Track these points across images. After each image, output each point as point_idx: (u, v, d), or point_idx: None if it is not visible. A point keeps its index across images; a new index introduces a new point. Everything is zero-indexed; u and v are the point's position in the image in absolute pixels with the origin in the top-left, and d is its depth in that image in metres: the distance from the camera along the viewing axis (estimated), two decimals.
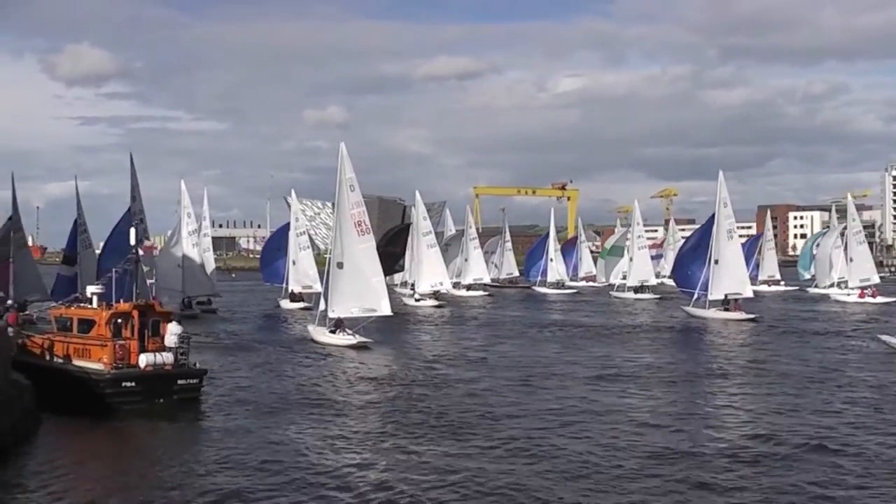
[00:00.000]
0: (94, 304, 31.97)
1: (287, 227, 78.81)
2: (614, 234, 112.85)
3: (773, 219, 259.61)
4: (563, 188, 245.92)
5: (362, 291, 47.89)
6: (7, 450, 22.50)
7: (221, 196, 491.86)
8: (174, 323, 30.88)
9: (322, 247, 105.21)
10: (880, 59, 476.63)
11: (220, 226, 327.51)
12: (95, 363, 29.59)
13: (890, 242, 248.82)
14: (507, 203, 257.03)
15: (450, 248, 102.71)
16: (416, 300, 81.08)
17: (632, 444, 23.76)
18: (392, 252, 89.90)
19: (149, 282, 35.53)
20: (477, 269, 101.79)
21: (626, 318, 68.02)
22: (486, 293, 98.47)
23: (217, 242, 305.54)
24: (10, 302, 45.85)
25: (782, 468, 21.16)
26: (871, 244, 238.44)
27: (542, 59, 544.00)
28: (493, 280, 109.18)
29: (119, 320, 30.39)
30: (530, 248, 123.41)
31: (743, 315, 63.15)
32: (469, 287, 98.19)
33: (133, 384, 28.93)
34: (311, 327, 50.69)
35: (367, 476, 20.68)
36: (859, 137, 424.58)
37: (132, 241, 33.64)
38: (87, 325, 31.13)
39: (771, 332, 54.86)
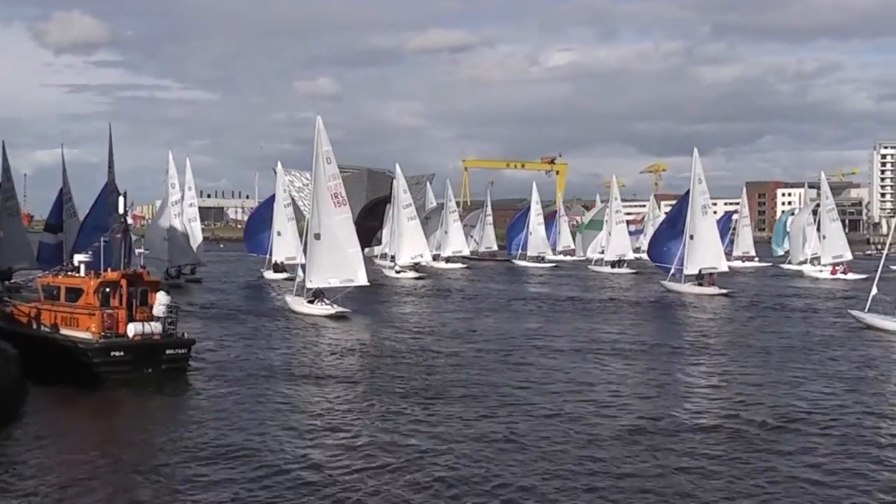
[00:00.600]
0: (82, 273, 31.40)
1: (273, 198, 79.01)
2: (593, 209, 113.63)
3: (761, 195, 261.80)
4: (552, 162, 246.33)
5: (339, 262, 48.70)
6: None
7: (210, 166, 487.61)
8: (162, 293, 30.43)
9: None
10: (872, 37, 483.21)
11: (209, 196, 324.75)
12: (84, 332, 29.31)
13: (877, 220, 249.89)
14: (496, 176, 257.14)
15: (430, 220, 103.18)
16: (397, 272, 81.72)
17: (608, 417, 23.94)
18: (370, 226, 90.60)
19: (137, 251, 35.07)
20: (456, 241, 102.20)
21: (602, 291, 68.83)
22: (465, 266, 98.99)
23: (205, 213, 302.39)
24: None
25: (754, 442, 21.41)
26: (858, 222, 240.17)
27: (535, 33, 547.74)
28: (472, 253, 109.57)
29: (107, 289, 29.81)
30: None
31: (717, 290, 64.12)
32: (448, 259, 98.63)
33: (122, 353, 28.65)
34: (288, 297, 51.47)
35: (353, 447, 20.65)
36: (850, 115, 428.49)
37: (120, 210, 33.65)
38: (74, 293, 30.58)
39: (744, 307, 55.77)
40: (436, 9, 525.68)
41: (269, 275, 74.74)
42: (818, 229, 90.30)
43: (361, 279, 49.20)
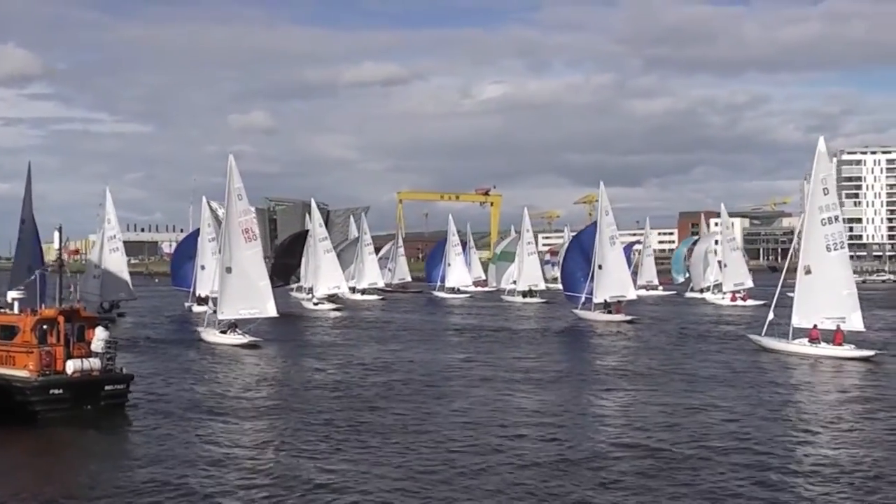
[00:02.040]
0: (16, 310, 30.59)
1: (197, 232, 79.19)
2: (505, 240, 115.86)
3: (694, 225, 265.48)
4: (486, 193, 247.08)
5: (249, 294, 50.69)
6: None
7: (144, 200, 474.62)
8: (101, 328, 29.98)
9: None
10: (800, 71, 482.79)
11: (143, 230, 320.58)
12: (21, 370, 28.43)
13: None
14: (430, 208, 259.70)
15: (344, 253, 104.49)
16: (315, 304, 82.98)
17: (526, 446, 24.18)
18: (287, 263, 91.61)
19: (71, 287, 35.45)
20: (371, 273, 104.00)
21: (517, 321, 70.50)
22: (381, 297, 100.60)
23: (139, 247, 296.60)
24: None
25: (664, 465, 21.91)
26: (789, 251, 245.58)
27: (467, 66, 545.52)
28: (386, 285, 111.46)
29: (44, 326, 29.15)
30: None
31: (624, 317, 66.47)
32: (364, 291, 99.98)
33: (61, 391, 28.04)
34: (200, 329, 52.98)
35: (280, 479, 20.75)
36: (779, 147, 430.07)
37: (56, 245, 33.71)
38: (9, 331, 29.58)
39: (651, 333, 57.90)
40: (369, 43, 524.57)
41: (196, 308, 74.96)
42: (719, 259, 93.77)
43: (271, 311, 51.40)
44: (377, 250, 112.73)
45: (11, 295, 31.73)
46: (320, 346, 50.95)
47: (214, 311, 52.24)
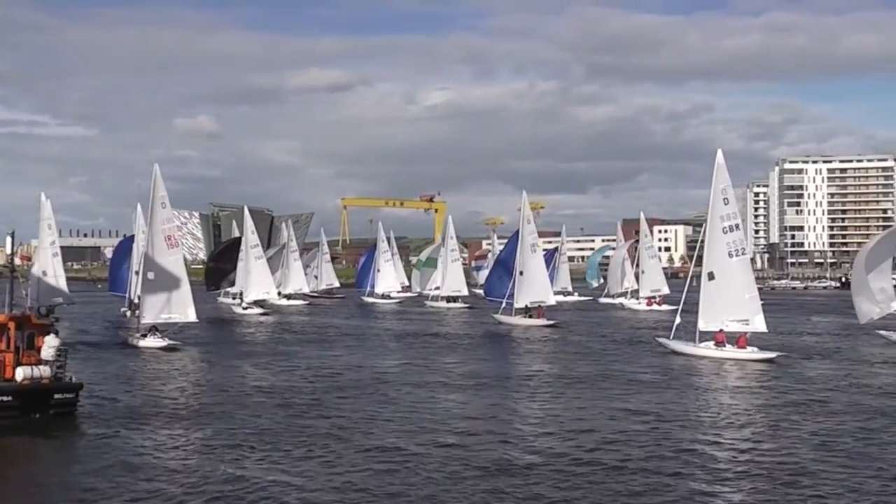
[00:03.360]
0: None
1: (131, 238, 79.09)
2: (430, 247, 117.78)
3: (636, 232, 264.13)
4: (430, 200, 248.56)
5: (171, 299, 52.24)
6: None
7: (87, 204, 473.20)
8: (52, 335, 29.22)
9: (189, 257, 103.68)
10: (742, 80, 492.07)
11: (86, 235, 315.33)
12: None
13: (752, 256, 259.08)
14: (375, 214, 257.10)
15: (271, 260, 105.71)
16: (244, 308, 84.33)
17: (453, 451, 24.28)
18: (220, 268, 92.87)
19: (24, 293, 35.60)
20: (297, 280, 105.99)
21: (441, 326, 72.25)
22: (307, 302, 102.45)
23: (82, 252, 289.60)
24: None
25: (579, 472, 22.18)
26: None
27: (413, 72, 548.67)
28: (312, 291, 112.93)
29: None
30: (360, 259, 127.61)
31: (545, 321, 68.95)
32: (289, 297, 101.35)
33: (9, 398, 27.39)
34: (122, 332, 54.93)
35: (224, 486, 20.72)
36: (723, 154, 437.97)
37: (7, 251, 33.56)
38: None
39: (571, 337, 60.20)
40: (315, 48, 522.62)
41: (130, 313, 75.15)
42: (637, 265, 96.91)
43: (191, 316, 53.06)
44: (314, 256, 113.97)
45: None
46: (255, 351, 52.11)
47: (137, 316, 53.67)
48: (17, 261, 35.53)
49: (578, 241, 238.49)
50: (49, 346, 28.88)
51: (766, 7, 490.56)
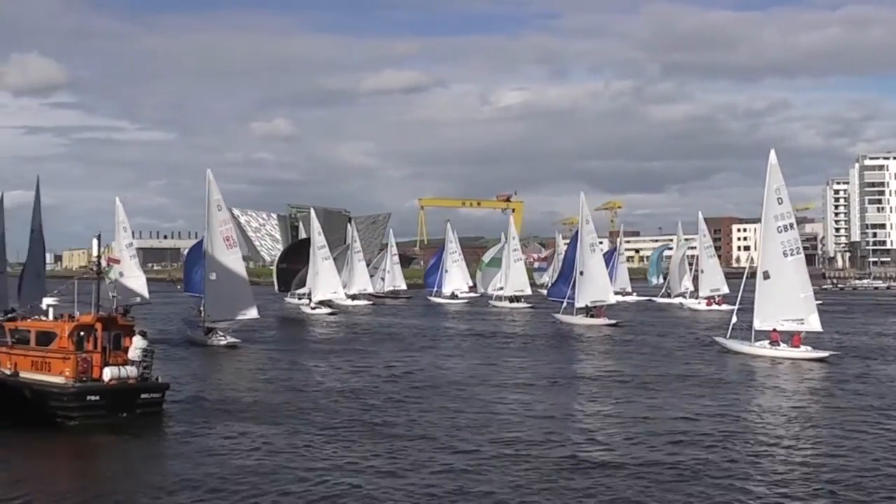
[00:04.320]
0: (51, 317, 30.63)
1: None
2: (493, 248, 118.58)
3: (717, 231, 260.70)
4: (507, 200, 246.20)
5: (232, 298, 53.87)
6: None
7: (167, 206, 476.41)
8: (139, 336, 29.81)
9: (268, 258, 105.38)
10: (820, 76, 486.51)
11: (165, 237, 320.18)
12: (56, 377, 28.36)
13: (832, 255, 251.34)
14: (452, 215, 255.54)
15: (336, 261, 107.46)
16: (312, 308, 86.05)
17: (530, 451, 24.46)
18: (292, 268, 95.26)
19: (111, 294, 36.35)
20: (361, 280, 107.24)
21: (505, 325, 72.94)
22: (371, 303, 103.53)
23: (162, 253, 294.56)
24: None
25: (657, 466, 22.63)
26: (813, 257, 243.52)
27: (487, 73, 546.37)
28: (378, 291, 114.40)
29: (82, 333, 28.99)
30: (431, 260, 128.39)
31: (607, 321, 69.49)
32: (354, 297, 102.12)
33: (98, 398, 27.82)
34: (189, 332, 56.24)
35: (318, 483, 21.02)
36: (800, 152, 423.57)
37: (94, 252, 33.79)
38: (47, 337, 29.58)
39: (633, 336, 60.47)
40: (389, 51, 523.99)
41: None
42: (696, 265, 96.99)
43: (253, 314, 55.06)
44: (402, 258, 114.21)
45: (46, 301, 31.80)
46: (326, 350, 52.49)
47: (199, 314, 55.58)
48: (104, 262, 36.03)
49: (657, 241, 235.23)
50: (136, 346, 29.39)
51: (843, 1, 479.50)
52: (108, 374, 28.37)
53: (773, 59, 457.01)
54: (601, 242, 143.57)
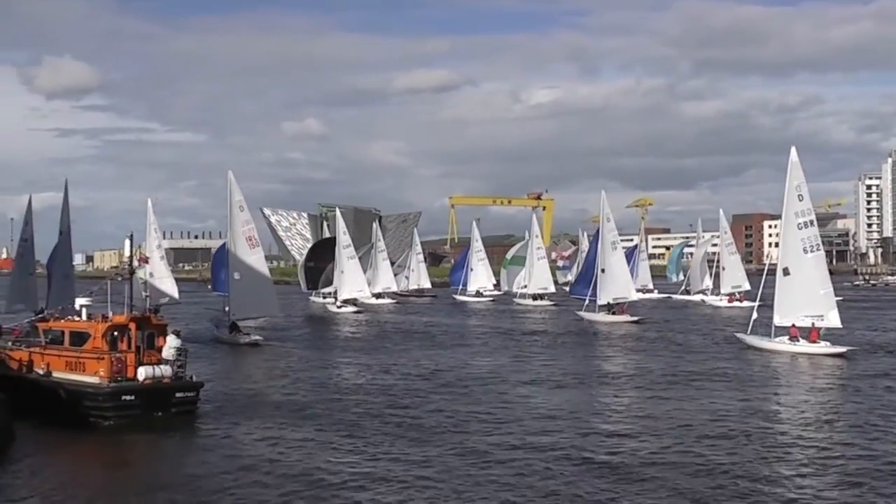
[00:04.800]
0: (84, 317, 30.84)
1: None
2: (516, 246, 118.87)
3: (748, 228, 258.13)
4: (538, 198, 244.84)
5: (256, 297, 54.75)
6: None
7: (198, 207, 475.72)
8: (172, 336, 29.91)
9: (298, 257, 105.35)
10: (852, 70, 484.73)
11: (196, 237, 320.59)
12: (91, 377, 28.48)
13: (864, 250, 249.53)
14: (483, 213, 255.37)
15: (361, 260, 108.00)
16: (338, 307, 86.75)
17: (560, 446, 24.81)
18: (314, 267, 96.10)
19: (144, 294, 36.84)
20: (385, 279, 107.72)
21: (529, 323, 73.29)
22: (395, 301, 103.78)
23: (193, 253, 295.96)
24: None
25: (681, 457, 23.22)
26: (845, 253, 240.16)
27: (518, 71, 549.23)
28: (402, 290, 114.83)
29: (115, 333, 29.10)
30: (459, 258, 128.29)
31: (629, 318, 69.86)
32: (378, 296, 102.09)
33: (132, 397, 27.90)
34: (216, 330, 57.08)
35: (350, 484, 21.05)
36: (832, 148, 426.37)
37: (126, 253, 33.95)
38: (80, 337, 29.69)
39: (655, 334, 60.68)
40: (420, 50, 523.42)
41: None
42: (718, 262, 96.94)
43: (275, 312, 57.05)
44: (433, 256, 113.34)
45: (80, 302, 32.01)
46: (354, 348, 53.38)
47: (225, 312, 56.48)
48: (136, 263, 36.24)
49: (687, 237, 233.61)
50: (170, 345, 29.51)
51: None
52: (142, 373, 28.49)
53: (804, 54, 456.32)
54: (632, 240, 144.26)
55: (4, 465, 23.04)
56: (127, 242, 35.43)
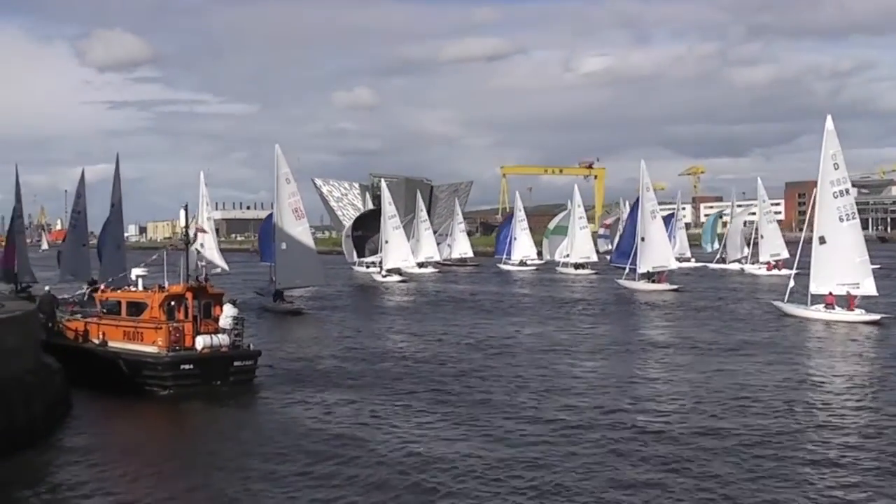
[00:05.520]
0: (140, 287, 30.97)
1: None
2: (559, 215, 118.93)
3: (802, 195, 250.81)
4: (590, 167, 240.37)
5: (301, 266, 56.21)
6: (41, 434, 22.02)
7: (249, 178, 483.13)
8: (229, 305, 29.96)
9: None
10: None
11: (248, 208, 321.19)
12: (149, 346, 28.56)
13: None
14: (534, 182, 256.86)
15: (404, 229, 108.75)
16: (383, 276, 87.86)
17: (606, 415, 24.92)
18: (360, 236, 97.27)
19: (199, 263, 36.03)
20: (428, 248, 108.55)
21: (572, 291, 73.86)
22: (437, 270, 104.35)
23: (245, 224, 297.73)
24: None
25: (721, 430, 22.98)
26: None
27: (568, 38, 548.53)
28: (444, 259, 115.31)
29: (172, 302, 29.11)
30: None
31: (668, 286, 70.25)
32: (421, 265, 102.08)
33: (191, 367, 27.98)
34: (262, 299, 58.64)
35: (413, 453, 21.06)
36: (887, 113, 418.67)
37: (182, 223, 34.98)
38: (137, 307, 29.75)
39: (693, 301, 61.18)
40: (470, 18, 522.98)
41: None
42: (757, 230, 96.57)
43: (320, 280, 58.87)
44: (484, 226, 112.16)
45: (136, 272, 32.02)
46: (403, 317, 54.09)
47: (272, 282, 58.04)
48: (191, 232, 36.32)
49: (741, 207, 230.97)
50: (227, 315, 29.50)
51: None
52: (200, 342, 28.59)
53: (858, 17, 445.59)
54: (684, 208, 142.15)
55: (63, 434, 23.23)
56: (182, 213, 35.89)
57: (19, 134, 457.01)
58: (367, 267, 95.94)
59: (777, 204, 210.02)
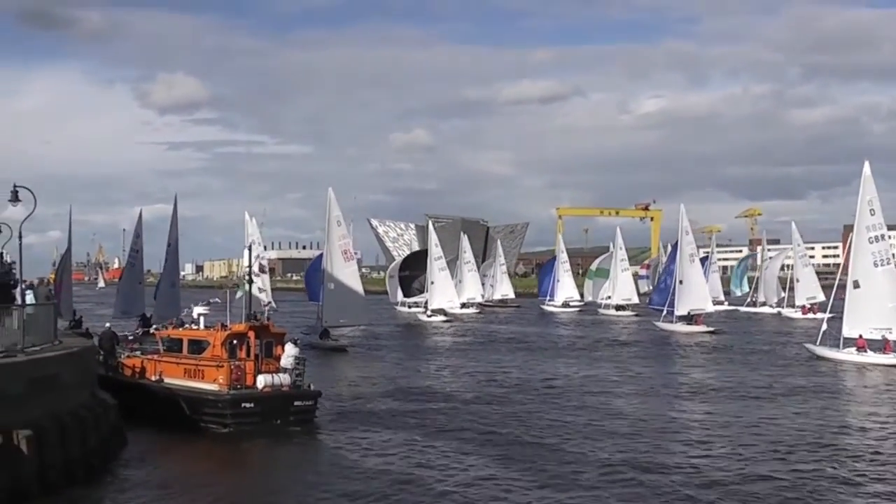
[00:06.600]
0: (201, 326, 31.26)
1: None
2: (601, 257, 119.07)
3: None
4: (646, 208, 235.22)
5: (347, 306, 58.14)
6: (96, 468, 22.02)
7: (305, 218, 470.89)
8: (290, 344, 29.92)
9: None
10: None
11: (304, 247, 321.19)
12: (210, 384, 28.63)
13: None
14: (590, 224, 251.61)
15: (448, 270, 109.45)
16: (428, 316, 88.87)
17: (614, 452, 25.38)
18: (407, 276, 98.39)
19: (263, 303, 37.64)
20: (471, 289, 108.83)
21: (611, 333, 74.01)
22: (478, 311, 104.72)
23: (300, 264, 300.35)
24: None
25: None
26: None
27: (625, 80, 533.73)
28: (486, 300, 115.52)
29: (234, 341, 29.12)
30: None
31: (705, 328, 70.69)
32: (463, 305, 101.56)
33: (252, 405, 27.93)
34: (309, 337, 58.77)
35: (469, 498, 21.00)
36: None
37: (245, 262, 34.51)
38: (199, 345, 29.90)
39: (731, 343, 61.50)
40: (527, 60, 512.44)
41: None
42: (792, 274, 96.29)
43: (364, 320, 60.82)
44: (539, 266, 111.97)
45: (197, 310, 32.24)
46: (453, 357, 54.24)
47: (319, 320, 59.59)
48: (255, 271, 36.91)
49: (774, 251, 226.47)
50: (288, 354, 29.44)
51: None
52: (261, 381, 28.40)
53: None
54: (741, 250, 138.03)
55: (118, 469, 23.27)
56: (246, 252, 36.19)
57: (81, 174, 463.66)
58: (410, 307, 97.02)
59: (835, 247, 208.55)
